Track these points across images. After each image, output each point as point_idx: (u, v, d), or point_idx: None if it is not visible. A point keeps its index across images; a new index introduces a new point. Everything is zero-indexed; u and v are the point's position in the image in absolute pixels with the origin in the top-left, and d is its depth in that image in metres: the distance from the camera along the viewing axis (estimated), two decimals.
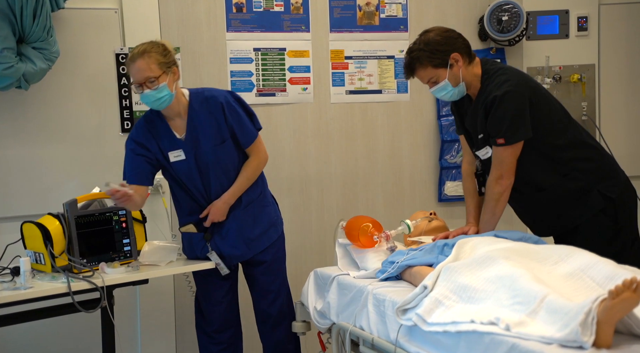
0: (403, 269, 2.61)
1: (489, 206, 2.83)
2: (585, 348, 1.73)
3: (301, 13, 3.87)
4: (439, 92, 2.84)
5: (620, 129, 4.13)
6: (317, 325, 2.97)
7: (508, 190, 2.79)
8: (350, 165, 3.96)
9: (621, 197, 2.77)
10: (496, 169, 2.78)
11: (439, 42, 2.77)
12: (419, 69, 2.81)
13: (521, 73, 2.87)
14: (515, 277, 2.05)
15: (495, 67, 2.84)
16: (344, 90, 3.95)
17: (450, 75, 2.78)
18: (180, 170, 3.01)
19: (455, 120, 3.09)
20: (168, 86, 2.85)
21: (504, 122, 2.70)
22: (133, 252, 3.04)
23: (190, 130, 2.97)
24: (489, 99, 2.73)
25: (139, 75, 2.82)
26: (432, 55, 2.77)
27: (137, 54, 2.83)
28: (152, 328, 3.63)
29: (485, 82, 2.80)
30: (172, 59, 2.91)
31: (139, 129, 3.02)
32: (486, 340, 1.94)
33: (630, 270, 2.12)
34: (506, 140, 2.72)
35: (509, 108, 2.69)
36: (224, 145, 3.00)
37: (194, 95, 3.01)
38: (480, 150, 2.88)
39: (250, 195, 3.10)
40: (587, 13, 4.08)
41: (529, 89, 2.75)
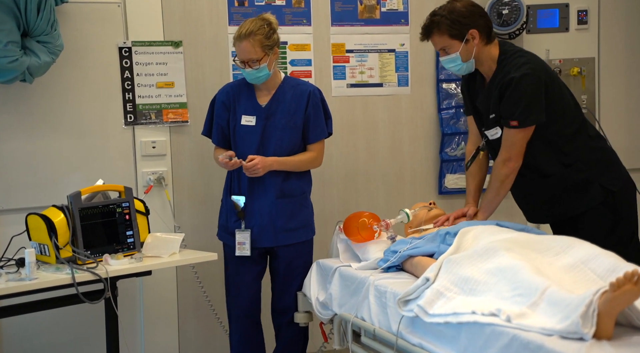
0: (405, 259, 2.61)
1: (493, 186, 2.82)
2: (586, 339, 1.73)
3: (302, 7, 3.86)
4: (448, 62, 2.83)
5: (620, 122, 4.13)
6: (319, 316, 2.97)
7: (514, 172, 2.79)
8: (351, 158, 3.96)
9: (622, 191, 2.77)
10: (505, 151, 2.77)
11: (463, 14, 2.76)
12: (435, 34, 2.80)
13: (539, 58, 2.84)
14: (516, 269, 2.05)
15: (514, 49, 2.82)
16: (345, 83, 3.95)
17: (464, 49, 2.76)
18: (244, 134, 3.14)
19: (464, 100, 3.07)
20: (267, 66, 3.05)
21: (520, 104, 2.68)
22: (136, 244, 3.04)
23: (272, 102, 3.14)
24: (506, 80, 2.71)
25: (243, 55, 3.03)
26: (452, 25, 2.76)
27: (244, 35, 3.00)
28: (155, 319, 3.64)
29: (503, 63, 2.78)
30: (275, 40, 3.08)
31: (227, 88, 3.25)
32: (487, 331, 1.94)
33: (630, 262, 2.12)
34: (520, 123, 2.70)
35: (525, 91, 2.68)
36: (293, 128, 3.13)
37: (288, 78, 3.25)
38: (490, 130, 2.87)
39: (292, 188, 3.17)
40: (587, 6, 4.07)
41: (546, 74, 2.74)
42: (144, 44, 3.59)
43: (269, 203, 3.13)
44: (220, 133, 3.24)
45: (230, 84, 3.30)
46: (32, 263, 2.67)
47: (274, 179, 3.13)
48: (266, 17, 3.10)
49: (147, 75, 3.61)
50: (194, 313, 3.72)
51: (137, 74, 3.58)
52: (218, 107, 3.23)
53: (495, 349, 1.89)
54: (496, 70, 2.80)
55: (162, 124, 3.63)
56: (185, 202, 3.70)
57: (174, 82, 3.66)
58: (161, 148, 3.62)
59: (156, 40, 3.61)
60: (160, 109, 3.63)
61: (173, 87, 3.65)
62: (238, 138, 3.17)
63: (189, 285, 3.66)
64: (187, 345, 3.73)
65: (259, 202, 3.14)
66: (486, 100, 2.83)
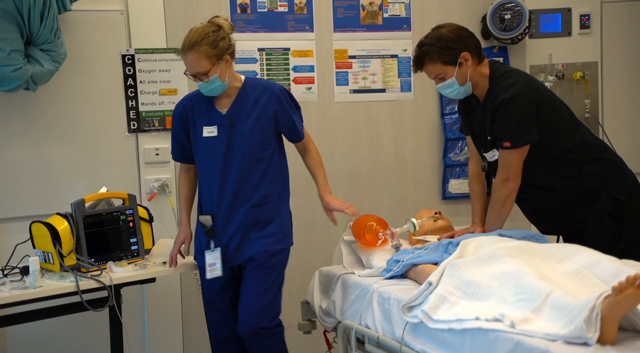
0: (408, 268, 2.61)
1: (495, 208, 2.81)
2: (590, 344, 1.73)
3: (305, 13, 3.87)
4: (445, 89, 2.82)
5: (624, 126, 4.12)
6: (322, 323, 2.97)
7: (514, 192, 2.78)
8: (355, 163, 3.96)
9: (630, 198, 2.75)
10: (502, 172, 2.76)
11: (451, 39, 2.75)
12: (427, 64, 2.78)
13: (528, 76, 2.85)
14: (519, 274, 2.05)
15: (503, 69, 2.82)
16: (347, 89, 3.95)
17: (459, 73, 2.76)
18: (207, 147, 2.90)
19: (461, 120, 3.07)
20: (220, 77, 2.80)
21: (511, 125, 2.68)
22: (140, 251, 3.05)
23: (234, 107, 2.90)
24: (497, 102, 2.71)
25: (190, 69, 2.79)
26: (443, 52, 2.74)
27: (187, 48, 2.76)
28: (159, 327, 3.64)
29: (493, 84, 2.78)
30: (223, 47, 2.80)
31: (185, 100, 3.00)
32: (491, 337, 1.94)
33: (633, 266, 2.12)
34: (512, 144, 2.70)
35: (516, 111, 2.67)
36: (261, 132, 2.89)
37: (249, 80, 2.98)
38: (488, 153, 2.87)
39: (267, 192, 2.92)
40: (590, 11, 4.08)
41: (536, 92, 2.73)
42: (146, 52, 3.61)
43: (242, 215, 2.89)
44: (181, 149, 3.00)
45: (187, 95, 3.03)
46: (36, 271, 2.68)
47: (246, 188, 2.89)
48: (215, 22, 2.84)
49: (150, 82, 3.63)
50: (198, 321, 3.72)
51: (140, 81, 3.60)
52: (175, 122, 2.99)
53: None
54: (488, 92, 2.80)
55: (165, 131, 3.64)
56: None
57: (177, 89, 3.67)
58: (164, 155, 3.63)
59: (159, 47, 3.62)
60: (163, 116, 3.64)
61: (176, 94, 3.67)
62: (201, 151, 2.92)
63: (194, 291, 3.65)
64: (192, 351, 3.73)
65: (233, 216, 2.90)
66: (482, 122, 2.84)
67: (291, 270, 3.82)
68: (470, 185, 3.06)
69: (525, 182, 2.77)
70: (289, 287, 3.81)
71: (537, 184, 2.80)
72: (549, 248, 2.30)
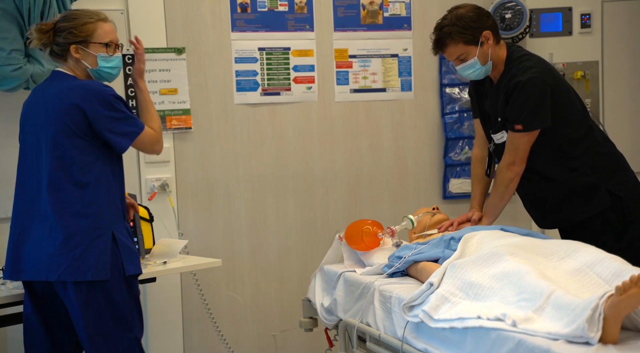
0: (410, 264, 2.60)
1: (498, 191, 2.81)
2: (592, 344, 1.72)
3: (305, 12, 3.86)
4: (466, 69, 2.78)
5: (624, 125, 4.12)
6: (324, 321, 2.96)
7: (518, 176, 2.77)
8: (355, 163, 3.95)
9: (630, 196, 2.75)
10: (509, 155, 2.75)
11: (472, 19, 2.73)
12: (449, 45, 2.74)
13: (545, 61, 2.82)
14: (521, 273, 2.04)
15: (521, 52, 2.80)
16: (348, 88, 3.95)
17: (480, 53, 2.73)
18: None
19: (472, 103, 3.06)
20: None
21: (524, 108, 2.67)
22: (141, 251, 3.03)
23: None
24: (512, 84, 2.69)
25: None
26: (465, 31, 2.71)
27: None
28: (160, 326, 3.63)
29: (509, 66, 2.76)
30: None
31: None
32: (493, 336, 1.93)
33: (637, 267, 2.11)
34: (524, 127, 2.69)
35: (530, 95, 2.66)
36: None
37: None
38: (497, 134, 2.85)
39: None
40: (590, 10, 4.07)
41: (553, 78, 2.72)
42: (147, 51, 3.56)
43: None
44: None
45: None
46: None
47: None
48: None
49: (151, 81, 3.61)
50: (198, 320, 3.72)
51: None
52: None
53: None
54: (503, 73, 2.78)
55: (165, 130, 3.63)
56: (189, 208, 3.70)
57: (177, 89, 3.66)
58: (165, 155, 3.61)
59: (159, 47, 3.62)
60: (163, 116, 3.64)
61: (176, 93, 3.66)
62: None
63: (193, 291, 3.65)
64: (192, 351, 3.73)
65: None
66: (493, 104, 2.82)
67: (292, 269, 3.85)
68: (472, 168, 3.06)
69: (528, 167, 2.77)
70: (290, 286, 3.83)
71: (539, 171, 2.79)
72: (551, 245, 2.29)
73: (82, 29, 2.48)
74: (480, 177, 3.01)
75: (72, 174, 2.40)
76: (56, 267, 2.37)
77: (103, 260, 2.38)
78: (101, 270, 2.37)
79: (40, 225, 2.43)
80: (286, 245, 3.86)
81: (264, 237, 3.82)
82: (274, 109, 3.83)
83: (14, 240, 2.48)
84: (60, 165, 2.41)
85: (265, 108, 3.81)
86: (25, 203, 2.49)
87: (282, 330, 3.72)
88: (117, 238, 2.42)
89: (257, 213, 3.81)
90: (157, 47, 3.61)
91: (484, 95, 2.92)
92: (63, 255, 2.37)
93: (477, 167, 3.04)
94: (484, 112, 2.93)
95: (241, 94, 3.78)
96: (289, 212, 3.86)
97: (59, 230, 2.38)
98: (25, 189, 2.50)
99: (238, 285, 3.78)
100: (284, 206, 3.84)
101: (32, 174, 2.47)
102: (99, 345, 2.43)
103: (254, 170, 3.80)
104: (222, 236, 3.75)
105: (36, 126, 2.46)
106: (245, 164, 3.79)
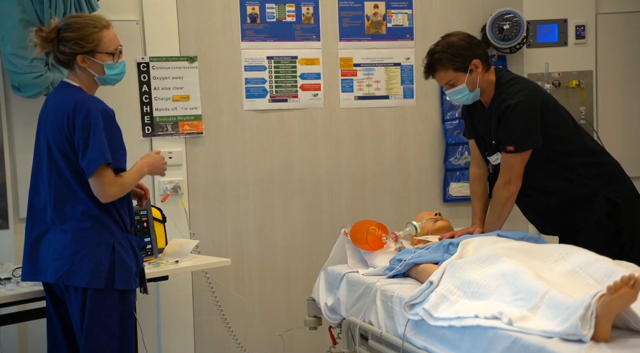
0: (410, 267, 2.62)
1: (495, 209, 2.82)
2: (585, 341, 1.73)
3: (312, 23, 3.88)
4: (455, 95, 2.81)
5: (617, 132, 4.12)
6: (328, 320, 2.98)
7: (515, 194, 2.78)
8: (359, 167, 3.97)
9: (626, 202, 2.76)
10: (505, 174, 2.77)
11: (462, 47, 2.75)
12: (439, 71, 2.77)
13: (532, 83, 2.85)
14: (517, 274, 2.05)
15: (509, 76, 2.82)
16: (352, 96, 3.96)
17: (469, 80, 2.75)
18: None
19: (465, 124, 3.07)
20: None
21: (516, 130, 2.69)
22: (154, 250, 3.06)
23: None
24: (503, 107, 2.71)
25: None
26: (455, 59, 2.73)
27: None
28: (172, 322, 3.65)
29: (499, 90, 2.78)
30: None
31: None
32: (489, 334, 1.94)
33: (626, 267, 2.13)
34: (516, 148, 2.71)
35: (521, 117, 2.68)
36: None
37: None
38: (492, 156, 2.87)
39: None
40: (585, 22, 4.08)
41: (541, 99, 2.74)
42: (161, 60, 3.63)
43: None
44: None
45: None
46: None
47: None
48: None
49: (164, 89, 3.65)
50: (208, 316, 3.73)
51: (155, 88, 3.62)
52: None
53: (498, 351, 1.90)
54: (493, 98, 2.80)
55: (178, 135, 3.66)
56: (200, 209, 3.72)
57: (189, 96, 3.69)
58: (177, 158, 3.65)
59: (172, 55, 3.64)
60: (176, 121, 3.66)
61: (188, 100, 3.69)
62: None
63: (204, 289, 3.67)
64: (203, 347, 3.75)
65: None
66: (487, 127, 2.84)
67: (298, 268, 3.86)
68: (471, 186, 3.07)
69: (527, 185, 2.78)
70: (296, 285, 3.85)
71: (538, 186, 2.80)
72: (546, 249, 2.31)
73: (89, 39, 2.42)
74: (480, 195, 3.01)
75: (78, 182, 2.39)
76: (57, 270, 2.38)
77: (99, 269, 2.36)
78: (96, 279, 2.35)
79: (52, 229, 2.43)
80: (292, 245, 3.87)
81: (272, 237, 3.84)
82: (281, 115, 3.85)
83: (30, 242, 2.48)
84: (68, 173, 2.39)
85: (273, 114, 3.83)
86: (39, 211, 2.47)
87: (287, 330, 3.72)
88: (116, 251, 2.40)
89: (264, 214, 3.83)
90: (171, 55, 3.64)
91: (477, 117, 2.94)
92: (64, 259, 2.37)
93: (475, 185, 3.04)
94: (478, 134, 2.95)
95: (250, 100, 3.80)
96: (295, 214, 3.88)
97: (65, 235, 2.39)
98: (38, 194, 2.48)
99: (246, 284, 3.80)
100: (290, 208, 3.86)
101: (44, 179, 2.46)
102: (88, 350, 2.40)
103: (262, 173, 3.82)
104: (231, 236, 3.77)
105: (47, 133, 2.44)
106: (254, 167, 3.81)
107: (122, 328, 2.44)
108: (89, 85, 2.51)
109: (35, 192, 2.50)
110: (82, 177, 2.38)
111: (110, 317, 2.40)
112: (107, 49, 2.47)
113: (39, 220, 2.47)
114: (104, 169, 2.35)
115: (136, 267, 2.48)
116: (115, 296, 2.40)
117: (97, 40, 2.44)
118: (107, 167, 2.36)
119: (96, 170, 2.33)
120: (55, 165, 2.41)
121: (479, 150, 2.99)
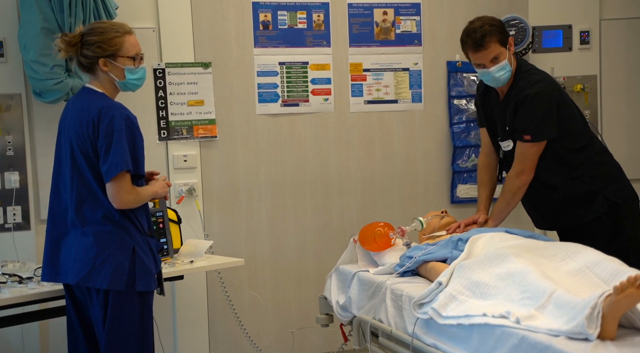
0: (420, 264, 2.61)
1: (505, 197, 2.81)
2: (591, 340, 1.73)
3: (323, 29, 3.89)
4: (499, 71, 2.69)
5: (621, 135, 4.11)
6: (339, 317, 2.97)
7: (526, 185, 2.76)
8: (369, 169, 3.97)
9: (625, 203, 2.74)
10: (519, 164, 2.75)
11: (501, 23, 2.72)
12: (490, 42, 2.65)
13: (551, 77, 2.82)
14: (524, 273, 2.04)
15: (528, 65, 2.80)
16: (362, 100, 3.96)
17: (508, 56, 2.70)
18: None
19: (478, 113, 3.05)
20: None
21: (534, 120, 2.66)
22: (170, 250, 3.07)
23: None
24: (521, 96, 2.68)
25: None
26: (500, 32, 2.69)
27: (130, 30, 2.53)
28: (187, 321, 3.66)
29: (517, 77, 2.75)
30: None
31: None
32: (497, 332, 1.94)
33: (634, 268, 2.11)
34: (533, 137, 2.68)
35: (540, 107, 2.65)
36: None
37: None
38: (504, 142, 2.85)
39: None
40: (589, 28, 4.06)
41: (558, 92, 2.73)
42: (176, 66, 3.64)
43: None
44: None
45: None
46: None
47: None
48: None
49: (179, 94, 3.66)
50: (222, 315, 3.74)
51: (170, 93, 3.63)
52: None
53: (505, 349, 1.89)
54: (512, 85, 2.76)
55: (192, 139, 3.67)
56: (214, 211, 3.73)
57: (203, 100, 3.70)
58: (192, 161, 3.66)
59: (187, 62, 3.66)
60: (191, 125, 3.67)
61: (203, 105, 3.70)
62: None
63: (218, 289, 3.68)
64: (217, 345, 3.75)
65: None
66: (502, 113, 2.81)
67: (309, 268, 3.86)
68: (479, 174, 3.06)
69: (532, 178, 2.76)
70: (307, 284, 3.85)
71: (541, 180, 2.79)
72: (553, 247, 2.29)
73: (111, 43, 2.42)
74: (486, 182, 3.01)
75: (100, 185, 2.38)
76: (78, 272, 2.38)
77: (121, 271, 2.35)
78: (117, 281, 2.35)
79: (73, 232, 2.43)
80: (304, 246, 3.87)
81: (284, 238, 3.84)
82: (293, 119, 3.85)
83: (51, 244, 2.48)
84: (90, 176, 2.39)
85: (285, 118, 3.84)
86: (60, 213, 2.47)
87: (299, 328, 3.73)
88: (136, 253, 2.39)
89: (277, 216, 3.83)
90: (186, 61, 3.65)
91: (489, 105, 2.92)
92: (85, 261, 2.36)
93: (483, 173, 3.04)
94: (490, 121, 2.93)
95: (263, 105, 3.81)
96: (306, 215, 3.88)
97: (87, 238, 2.38)
98: (60, 197, 2.48)
99: (259, 283, 3.80)
100: (302, 209, 3.86)
101: (65, 182, 2.46)
102: (109, 350, 2.40)
103: (274, 175, 3.82)
104: (244, 237, 3.78)
105: (70, 137, 2.44)
106: (266, 170, 3.81)
107: (142, 328, 2.43)
108: (110, 90, 2.51)
109: (56, 195, 2.50)
110: (104, 181, 2.38)
111: (131, 318, 2.40)
112: (128, 53, 2.46)
113: (59, 222, 2.47)
114: (123, 175, 2.35)
115: (155, 269, 2.48)
116: (136, 298, 2.40)
117: (119, 44, 2.44)
118: (126, 174, 2.36)
119: (115, 176, 2.33)
120: (77, 169, 2.41)
121: (491, 137, 2.96)
